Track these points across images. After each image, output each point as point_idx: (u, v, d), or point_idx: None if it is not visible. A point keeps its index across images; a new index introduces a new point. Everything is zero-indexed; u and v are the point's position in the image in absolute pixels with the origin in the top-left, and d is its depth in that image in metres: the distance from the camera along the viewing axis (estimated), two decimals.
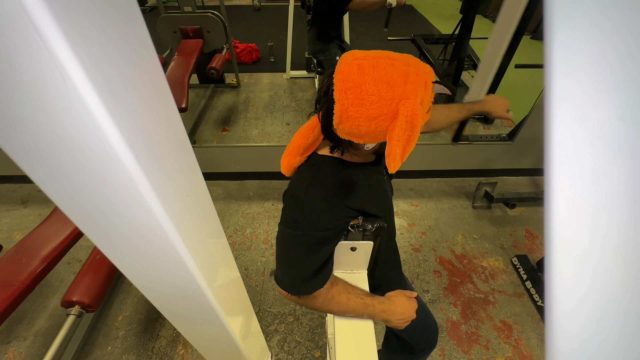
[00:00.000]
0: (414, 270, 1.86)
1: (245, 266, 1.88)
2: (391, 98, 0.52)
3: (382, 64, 0.54)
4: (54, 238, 1.29)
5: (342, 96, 0.55)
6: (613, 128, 0.17)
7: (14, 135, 0.23)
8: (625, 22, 0.16)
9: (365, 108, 0.53)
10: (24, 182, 2.35)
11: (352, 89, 0.54)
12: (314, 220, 0.66)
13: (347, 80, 0.54)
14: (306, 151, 0.73)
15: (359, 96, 0.53)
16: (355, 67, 0.55)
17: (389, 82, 0.53)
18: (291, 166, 0.74)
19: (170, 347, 1.55)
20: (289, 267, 0.69)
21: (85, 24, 0.20)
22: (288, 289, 0.70)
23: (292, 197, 0.70)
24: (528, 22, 2.43)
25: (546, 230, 0.20)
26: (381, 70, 0.53)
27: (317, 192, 0.67)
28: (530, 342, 1.56)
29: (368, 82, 0.53)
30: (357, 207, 0.69)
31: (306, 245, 0.67)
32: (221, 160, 2.31)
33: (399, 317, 0.78)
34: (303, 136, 0.70)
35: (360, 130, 0.56)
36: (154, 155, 0.28)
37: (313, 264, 0.68)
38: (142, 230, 0.31)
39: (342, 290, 0.75)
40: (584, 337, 0.20)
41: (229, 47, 3.23)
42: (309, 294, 0.70)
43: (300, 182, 0.70)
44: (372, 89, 0.53)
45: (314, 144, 0.73)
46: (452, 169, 2.41)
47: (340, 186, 0.69)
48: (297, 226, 0.67)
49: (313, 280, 0.69)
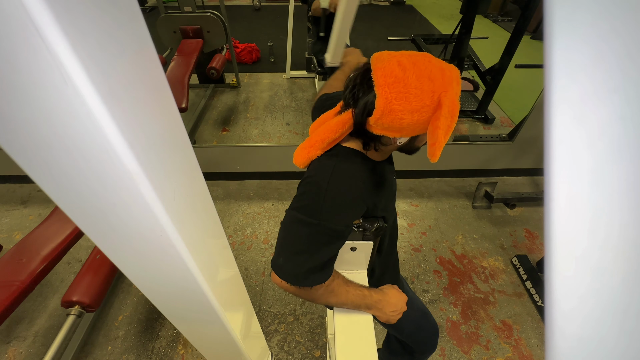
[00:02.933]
0: (414, 270, 1.86)
1: (245, 266, 1.88)
2: (433, 91, 0.56)
3: (421, 60, 0.58)
4: (54, 238, 1.29)
5: (385, 90, 0.57)
6: (613, 128, 0.17)
7: (14, 135, 0.23)
8: (625, 22, 0.16)
9: (409, 101, 0.56)
10: (24, 182, 2.35)
11: (395, 83, 0.56)
12: (335, 212, 0.64)
13: (389, 76, 0.57)
14: (329, 145, 0.71)
15: (403, 90, 0.56)
16: (395, 63, 0.58)
17: (429, 77, 0.56)
18: (309, 159, 0.72)
19: (170, 347, 1.55)
20: (294, 255, 0.65)
21: (86, 23, 0.20)
22: (289, 278, 0.66)
23: (313, 184, 0.67)
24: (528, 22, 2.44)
25: (546, 230, 0.20)
26: (421, 66, 0.57)
27: (341, 183, 0.66)
28: (530, 342, 1.56)
29: (411, 77, 0.56)
30: (371, 204, 0.70)
31: (319, 235, 0.64)
32: (221, 160, 2.31)
33: (392, 309, 0.80)
34: (331, 130, 0.68)
35: (402, 123, 0.58)
36: (154, 155, 0.28)
37: (322, 256, 0.65)
38: (143, 230, 0.31)
39: (342, 282, 0.76)
40: (584, 336, 0.20)
41: (229, 47, 3.23)
42: (311, 286, 0.67)
43: (323, 170, 0.68)
44: (415, 83, 0.56)
45: (338, 139, 0.71)
46: (452, 169, 2.41)
47: (365, 181, 0.69)
48: (314, 214, 0.64)
49: (318, 273, 0.66)
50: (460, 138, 2.50)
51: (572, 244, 0.19)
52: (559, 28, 0.17)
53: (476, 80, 0.73)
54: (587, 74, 0.17)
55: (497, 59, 2.68)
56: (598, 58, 0.16)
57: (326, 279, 0.68)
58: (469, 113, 3.02)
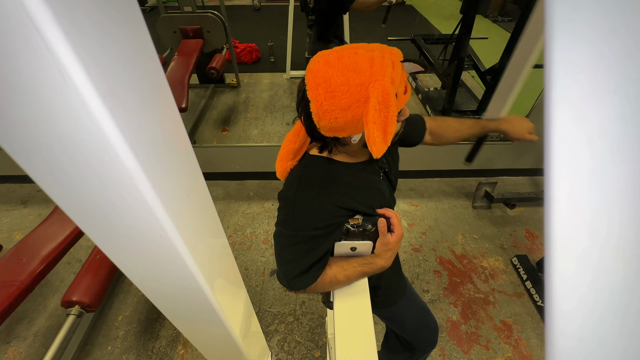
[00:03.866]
0: (414, 270, 1.87)
1: (245, 266, 1.88)
2: (360, 84, 0.53)
3: (346, 54, 0.55)
4: (54, 238, 1.29)
5: (314, 93, 0.56)
6: (613, 128, 0.17)
7: (14, 135, 0.23)
8: (625, 22, 0.16)
9: (338, 99, 0.54)
10: (24, 182, 2.35)
11: (322, 83, 0.55)
12: (304, 220, 0.67)
13: (317, 77, 0.56)
14: (296, 155, 0.74)
15: (330, 89, 0.54)
16: (322, 62, 0.56)
17: (355, 69, 0.54)
18: (285, 171, 0.75)
19: (170, 347, 1.55)
20: (283, 264, 0.71)
21: (86, 23, 0.20)
22: (285, 284, 0.73)
23: (284, 198, 0.71)
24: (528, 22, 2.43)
25: (546, 230, 0.20)
26: (346, 60, 0.54)
27: (305, 193, 0.68)
28: (530, 342, 1.56)
29: (336, 74, 0.54)
30: (345, 205, 0.69)
31: (300, 244, 0.68)
32: (221, 160, 2.31)
33: (387, 256, 0.75)
34: (290, 141, 0.72)
35: (338, 122, 0.57)
36: (155, 154, 0.28)
37: (307, 261, 0.69)
38: (143, 230, 0.31)
39: (338, 270, 0.75)
40: (584, 336, 0.20)
41: (229, 47, 3.24)
42: (302, 289, 0.72)
43: (291, 183, 0.71)
44: (340, 79, 0.54)
45: (302, 148, 0.74)
46: (452, 169, 2.41)
47: (329, 185, 0.69)
48: (289, 227, 0.68)
49: (304, 276, 0.70)
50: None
51: (572, 244, 0.19)
52: (559, 28, 0.17)
53: (424, 61, 0.71)
54: (587, 74, 0.17)
55: (497, 59, 2.68)
56: (598, 58, 0.16)
57: (314, 280, 0.72)
58: (469, 113, 3.02)
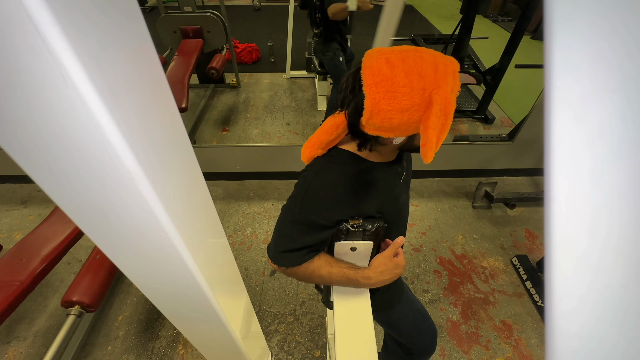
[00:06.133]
0: (414, 270, 1.86)
1: (245, 266, 1.88)
2: (423, 88, 0.53)
3: (411, 56, 0.55)
4: (54, 238, 1.29)
5: (372, 90, 0.55)
6: (613, 128, 0.17)
7: (14, 135, 0.23)
8: (625, 22, 0.16)
9: (398, 100, 0.54)
10: (24, 182, 2.35)
11: (382, 82, 0.54)
12: (314, 204, 0.69)
13: (377, 75, 0.55)
14: (328, 146, 0.74)
15: (391, 89, 0.54)
16: (383, 61, 0.55)
17: (419, 73, 0.53)
18: (312, 157, 0.76)
19: (170, 347, 1.55)
20: (278, 236, 0.74)
21: (86, 23, 0.20)
22: (270, 255, 0.75)
23: (302, 177, 0.73)
24: (528, 22, 2.44)
25: (546, 230, 0.20)
26: (410, 62, 0.54)
27: (324, 180, 0.70)
28: (530, 342, 1.56)
29: (399, 75, 0.53)
30: (363, 209, 0.70)
31: (299, 223, 0.70)
32: (221, 160, 2.31)
33: (385, 277, 0.77)
34: (326, 132, 0.71)
35: (392, 123, 0.56)
36: (154, 155, 0.28)
37: (299, 242, 0.71)
38: (143, 230, 0.31)
39: (323, 264, 0.76)
40: (584, 336, 0.20)
41: (229, 47, 3.24)
42: (285, 266, 0.74)
43: (313, 167, 0.73)
44: (403, 81, 0.53)
45: (336, 140, 0.73)
46: (452, 169, 2.42)
47: (351, 183, 0.70)
48: (296, 203, 0.70)
49: (294, 256, 0.72)
50: (460, 138, 2.50)
51: (572, 244, 0.19)
52: (559, 28, 0.17)
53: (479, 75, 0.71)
54: (587, 73, 0.17)
55: (497, 59, 2.68)
56: (598, 57, 0.16)
57: (300, 263, 0.73)
58: (469, 113, 3.02)
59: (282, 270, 0.76)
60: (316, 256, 0.76)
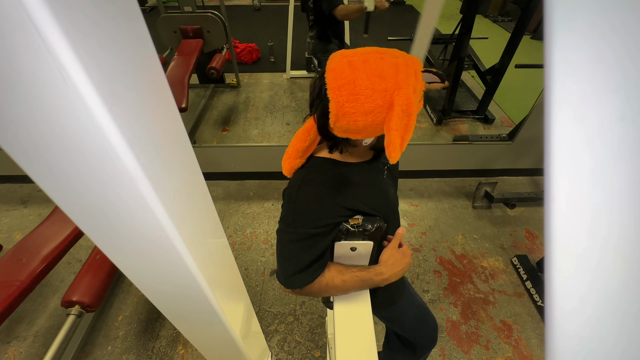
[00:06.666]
0: (414, 270, 1.86)
1: (245, 266, 1.88)
2: (385, 90, 0.53)
3: (372, 58, 0.55)
4: (54, 238, 1.29)
5: (336, 93, 0.55)
6: (613, 128, 0.17)
7: (14, 135, 0.23)
8: (625, 22, 0.16)
9: (361, 103, 0.54)
10: (24, 182, 2.35)
11: (345, 85, 0.54)
12: (304, 218, 0.68)
13: (340, 78, 0.55)
14: (305, 153, 0.74)
15: (353, 91, 0.54)
16: (346, 64, 0.55)
17: (380, 75, 0.53)
18: (292, 168, 0.76)
19: (170, 347, 1.55)
20: (283, 261, 0.72)
21: (86, 23, 0.20)
22: (282, 282, 0.73)
23: (287, 196, 0.73)
24: (528, 22, 2.44)
25: (546, 230, 0.20)
26: (372, 64, 0.54)
27: (307, 191, 0.69)
28: (530, 342, 1.56)
29: (361, 77, 0.54)
30: (349, 205, 0.70)
31: (299, 241, 0.69)
32: (221, 160, 2.31)
33: (397, 269, 0.77)
34: (300, 139, 0.72)
35: (357, 125, 0.57)
36: (154, 155, 0.28)
37: (304, 259, 0.70)
38: (143, 230, 0.31)
39: (335, 274, 0.76)
40: (584, 336, 0.20)
41: (229, 47, 3.24)
42: (299, 287, 0.73)
43: (295, 183, 0.73)
44: (365, 83, 0.53)
45: (311, 146, 0.74)
46: (452, 169, 2.42)
47: (331, 185, 0.70)
48: (290, 224, 0.69)
49: (302, 274, 0.71)
50: (460, 138, 2.50)
51: (572, 244, 0.19)
52: (559, 28, 0.17)
53: (441, 72, 0.69)
54: (587, 73, 0.17)
55: (497, 59, 2.68)
56: (598, 58, 0.16)
57: (313, 279, 0.72)
58: (469, 113, 3.02)
59: (298, 292, 0.75)
60: (326, 269, 0.75)
